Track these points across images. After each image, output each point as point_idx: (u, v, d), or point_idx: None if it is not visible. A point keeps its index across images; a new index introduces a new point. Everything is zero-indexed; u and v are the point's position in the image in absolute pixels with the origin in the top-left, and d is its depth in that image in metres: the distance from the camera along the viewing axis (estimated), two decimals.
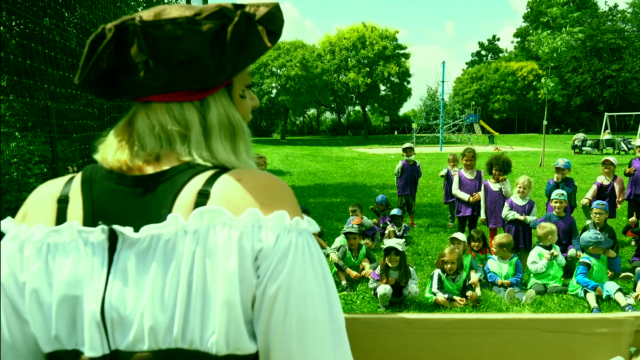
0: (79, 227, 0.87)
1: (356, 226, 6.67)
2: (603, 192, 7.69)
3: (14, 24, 5.66)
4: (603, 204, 6.73)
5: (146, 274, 0.82)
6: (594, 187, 7.74)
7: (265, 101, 49.11)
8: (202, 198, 0.84)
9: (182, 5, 0.90)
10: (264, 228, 0.82)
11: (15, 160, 6.21)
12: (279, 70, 48.29)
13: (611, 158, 7.84)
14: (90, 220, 0.89)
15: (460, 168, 8.17)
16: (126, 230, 0.84)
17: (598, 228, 6.52)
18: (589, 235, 5.75)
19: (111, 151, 0.93)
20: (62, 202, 0.92)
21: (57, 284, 0.86)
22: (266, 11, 0.90)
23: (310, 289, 0.84)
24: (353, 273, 6.21)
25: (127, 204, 0.88)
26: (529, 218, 6.77)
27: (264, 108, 50.62)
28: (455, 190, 7.90)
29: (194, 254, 0.81)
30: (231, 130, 0.97)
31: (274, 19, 0.92)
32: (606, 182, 7.73)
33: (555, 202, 6.81)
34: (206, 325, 0.82)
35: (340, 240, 6.91)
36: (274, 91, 49.85)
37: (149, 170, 0.91)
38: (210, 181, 0.86)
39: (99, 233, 0.85)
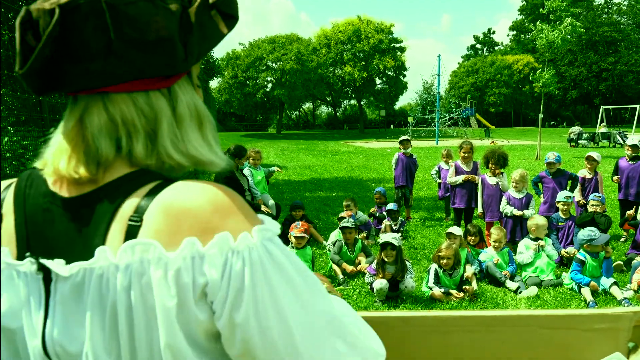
0: (6, 258, 0.80)
1: (352, 220, 6.65)
2: (584, 186, 7.87)
3: (5, 17, 5.60)
4: (599, 196, 6.85)
5: (84, 312, 0.75)
6: (578, 185, 7.86)
7: (261, 95, 48.92)
8: (134, 227, 0.75)
9: None
10: (206, 258, 0.73)
11: (8, 155, 6.16)
12: (274, 64, 48.11)
13: (594, 154, 7.91)
14: (24, 243, 0.81)
15: (457, 160, 8.15)
16: (55, 265, 0.76)
17: (597, 217, 6.63)
18: (583, 233, 5.75)
19: (64, 159, 0.81)
20: None
21: None
22: None
23: (283, 299, 0.75)
24: (349, 268, 6.19)
25: (60, 228, 0.79)
26: (527, 213, 6.81)
27: (260, 102, 50.42)
28: (450, 178, 7.90)
29: (128, 291, 0.73)
30: (199, 120, 0.89)
31: (228, 1, 0.85)
32: (589, 176, 7.86)
33: (563, 205, 6.85)
34: None
35: (336, 235, 6.89)
36: (270, 85, 49.65)
37: (90, 186, 0.81)
38: (146, 202, 0.76)
39: (28, 265, 0.78)
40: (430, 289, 5.57)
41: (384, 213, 8.36)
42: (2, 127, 5.63)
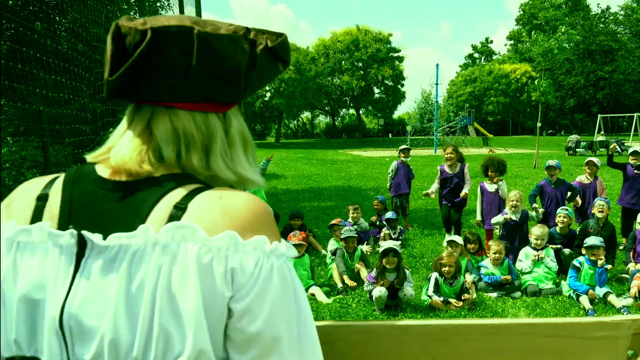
0: (49, 229, 0.85)
1: (353, 229, 6.65)
2: (584, 192, 7.90)
3: (5, 27, 5.63)
4: (606, 200, 6.79)
5: (111, 285, 0.80)
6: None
7: (259, 105, 49.03)
8: (178, 212, 0.82)
9: (215, 21, 0.92)
10: (241, 252, 0.81)
11: (7, 165, 6.17)
12: None
13: (595, 159, 7.95)
14: (65, 221, 0.87)
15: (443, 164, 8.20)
16: (94, 237, 0.82)
17: (600, 224, 6.57)
18: (589, 240, 5.78)
19: (132, 157, 0.90)
20: (41, 200, 0.91)
21: (21, 285, 0.84)
22: (280, 40, 0.96)
23: (284, 312, 0.83)
24: (352, 283, 6.11)
25: (102, 208, 0.86)
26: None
27: (258, 111, 50.51)
28: (435, 184, 8.01)
29: (160, 269, 0.78)
30: (244, 143, 1.01)
31: (285, 48, 0.98)
32: (586, 181, 7.90)
33: (559, 217, 6.82)
34: (170, 346, 0.79)
35: (334, 243, 6.87)
36: (268, 94, 49.75)
37: (142, 174, 0.89)
38: (191, 195, 0.84)
39: (68, 237, 0.84)
40: (430, 297, 5.55)
41: (384, 222, 8.37)
42: (1, 137, 5.65)
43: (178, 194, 0.85)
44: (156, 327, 0.77)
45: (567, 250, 6.56)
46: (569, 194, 7.56)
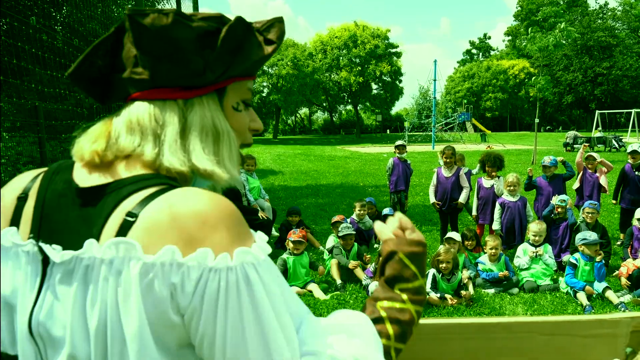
0: (13, 238, 0.86)
1: (351, 226, 6.63)
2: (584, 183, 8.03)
3: (0, 22, 5.59)
4: (595, 204, 6.77)
5: (69, 298, 0.78)
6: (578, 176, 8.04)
7: (257, 100, 48.95)
8: (128, 222, 0.76)
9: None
10: (183, 270, 0.73)
11: (3, 161, 6.14)
12: (270, 69, 48.17)
13: (594, 154, 8.02)
14: (37, 223, 0.86)
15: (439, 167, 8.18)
16: (50, 251, 0.80)
17: (589, 227, 6.54)
18: (580, 235, 5.79)
19: (88, 143, 0.90)
20: (22, 200, 0.91)
21: (3, 288, 0.86)
22: (266, 21, 0.93)
23: (244, 334, 0.74)
24: (353, 263, 6.17)
25: (70, 213, 0.84)
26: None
27: (256, 107, 50.42)
28: (431, 188, 7.93)
29: (107, 285, 0.75)
30: (214, 134, 0.90)
31: (271, 28, 0.93)
32: (590, 179, 7.95)
33: (557, 209, 6.86)
34: None
35: (332, 240, 6.85)
36: (266, 90, 49.68)
37: (107, 176, 0.86)
38: (145, 202, 0.78)
39: (30, 246, 0.84)
40: (427, 293, 5.54)
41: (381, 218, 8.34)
42: None
43: (132, 201, 0.79)
44: (110, 345, 0.75)
45: (567, 257, 6.60)
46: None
